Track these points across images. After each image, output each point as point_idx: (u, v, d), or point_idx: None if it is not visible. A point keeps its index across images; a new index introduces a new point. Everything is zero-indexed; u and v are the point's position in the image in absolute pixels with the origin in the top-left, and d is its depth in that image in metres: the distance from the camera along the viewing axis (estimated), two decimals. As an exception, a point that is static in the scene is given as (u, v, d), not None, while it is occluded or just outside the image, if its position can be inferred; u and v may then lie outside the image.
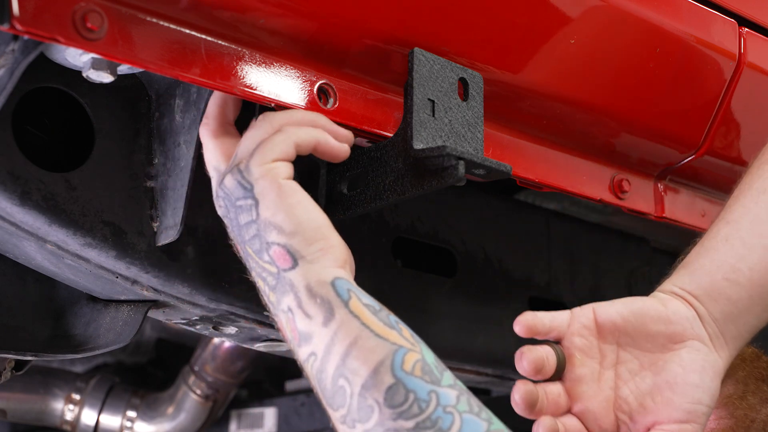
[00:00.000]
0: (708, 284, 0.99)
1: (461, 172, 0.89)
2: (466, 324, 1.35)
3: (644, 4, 1.08)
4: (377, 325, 0.84)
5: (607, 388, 0.98)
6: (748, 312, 0.98)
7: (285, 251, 0.87)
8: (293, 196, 0.88)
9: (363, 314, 0.84)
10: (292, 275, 0.87)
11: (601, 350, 0.99)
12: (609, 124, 1.16)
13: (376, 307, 0.86)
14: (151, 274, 1.04)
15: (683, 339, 0.97)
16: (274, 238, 0.88)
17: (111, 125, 1.03)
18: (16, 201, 0.96)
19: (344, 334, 0.83)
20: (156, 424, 1.93)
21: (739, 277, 0.98)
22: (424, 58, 0.94)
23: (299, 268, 0.87)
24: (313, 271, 0.87)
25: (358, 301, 0.85)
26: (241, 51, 0.90)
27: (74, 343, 1.16)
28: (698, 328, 0.97)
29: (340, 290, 0.85)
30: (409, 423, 0.80)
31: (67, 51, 0.85)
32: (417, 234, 1.28)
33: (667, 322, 0.97)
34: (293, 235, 0.87)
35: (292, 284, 0.87)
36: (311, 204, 0.89)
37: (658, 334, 0.97)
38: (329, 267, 0.87)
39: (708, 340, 0.97)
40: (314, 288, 0.86)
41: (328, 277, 0.86)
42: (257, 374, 2.08)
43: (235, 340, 1.24)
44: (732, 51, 1.17)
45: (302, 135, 0.90)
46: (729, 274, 0.98)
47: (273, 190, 0.88)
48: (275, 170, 0.88)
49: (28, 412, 1.86)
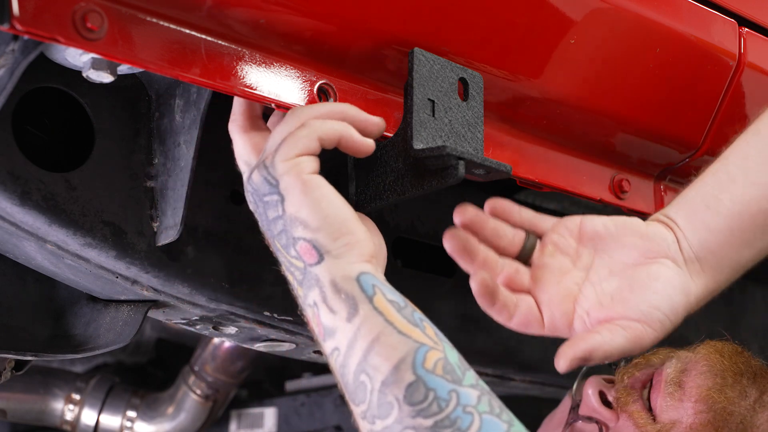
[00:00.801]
0: (689, 211, 1.00)
1: (461, 172, 0.89)
2: (466, 324, 1.35)
3: (644, 4, 1.08)
4: (401, 321, 0.84)
5: (572, 283, 0.99)
6: (728, 244, 0.99)
7: (311, 246, 0.88)
8: (318, 191, 0.88)
9: (387, 310, 0.84)
10: (318, 270, 0.87)
11: (577, 251, 1.01)
12: (609, 124, 1.16)
13: (401, 304, 0.86)
14: (151, 274, 1.04)
15: (657, 256, 0.99)
16: (300, 233, 0.88)
17: (111, 125, 1.03)
18: (16, 201, 0.96)
19: (367, 330, 0.84)
20: (156, 424, 1.93)
21: (720, 207, 0.99)
22: (424, 58, 0.94)
23: (325, 262, 0.87)
24: (338, 266, 0.87)
25: (383, 297, 0.85)
26: (241, 51, 0.90)
27: (74, 343, 1.16)
28: (674, 250, 0.99)
29: (365, 285, 0.86)
30: (428, 421, 0.80)
31: (67, 51, 0.85)
32: (417, 234, 1.28)
33: (645, 238, 0.99)
34: (318, 230, 0.87)
35: (317, 279, 0.87)
36: (337, 198, 0.89)
37: (634, 246, 0.99)
38: (355, 262, 0.87)
39: (683, 263, 0.99)
40: (339, 283, 0.86)
41: (353, 272, 0.86)
42: (257, 374, 2.08)
43: (235, 340, 1.24)
44: (732, 51, 1.17)
45: (326, 129, 0.89)
46: (710, 203, 1.00)
47: (297, 185, 0.88)
48: (300, 165, 0.88)
49: (28, 412, 1.86)
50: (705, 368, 1.13)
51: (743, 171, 1.01)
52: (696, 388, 1.12)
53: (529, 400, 1.45)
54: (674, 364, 1.15)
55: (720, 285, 1.02)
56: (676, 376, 1.14)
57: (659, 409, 1.13)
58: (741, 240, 1.00)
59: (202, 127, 0.96)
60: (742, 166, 1.01)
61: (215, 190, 1.08)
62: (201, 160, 0.99)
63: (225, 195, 1.10)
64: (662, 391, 1.13)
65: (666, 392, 1.13)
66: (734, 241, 1.00)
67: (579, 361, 0.95)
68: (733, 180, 1.00)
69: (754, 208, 0.99)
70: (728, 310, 1.76)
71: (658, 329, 0.97)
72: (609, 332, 0.96)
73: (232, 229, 1.09)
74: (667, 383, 1.13)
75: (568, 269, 1.01)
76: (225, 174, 1.09)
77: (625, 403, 1.15)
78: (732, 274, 1.02)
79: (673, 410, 1.12)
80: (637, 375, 1.17)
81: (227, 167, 1.09)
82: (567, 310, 0.99)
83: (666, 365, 1.16)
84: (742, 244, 1.00)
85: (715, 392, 1.11)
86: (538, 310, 1.00)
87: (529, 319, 0.99)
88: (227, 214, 1.09)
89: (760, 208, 0.99)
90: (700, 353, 1.15)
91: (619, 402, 1.16)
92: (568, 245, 1.01)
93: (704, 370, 1.13)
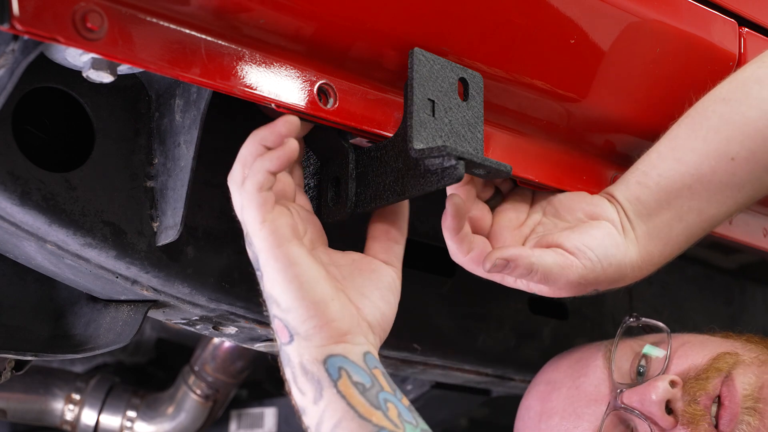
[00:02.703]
0: (624, 187, 1.10)
1: (461, 172, 0.89)
2: (466, 324, 1.35)
3: (644, 4, 1.08)
4: (363, 405, 0.85)
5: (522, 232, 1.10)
6: (657, 214, 1.08)
7: (283, 325, 0.89)
8: (291, 270, 0.87)
9: (350, 394, 0.86)
10: (289, 350, 0.89)
11: (528, 214, 1.12)
12: (609, 124, 1.16)
13: (366, 385, 0.87)
14: (151, 274, 1.04)
15: (599, 218, 1.07)
16: (274, 311, 0.89)
17: (111, 125, 1.03)
18: (16, 201, 0.96)
19: (330, 414, 0.85)
20: (156, 424, 1.93)
21: (648, 181, 1.09)
22: (424, 58, 0.94)
23: (295, 343, 0.89)
24: (307, 349, 0.88)
25: (348, 379, 0.86)
26: (241, 51, 0.90)
27: (74, 343, 1.16)
28: (615, 219, 1.08)
29: (330, 369, 0.87)
30: None
31: (67, 51, 0.85)
32: (417, 234, 1.28)
33: (590, 203, 1.10)
34: (288, 311, 0.88)
35: (289, 359, 0.89)
36: (312, 274, 0.88)
37: (579, 208, 1.10)
38: (324, 344, 0.88)
39: (621, 230, 1.07)
40: (306, 365, 0.88)
41: (321, 355, 0.87)
42: (257, 374, 2.07)
43: (235, 340, 1.24)
44: (732, 51, 1.17)
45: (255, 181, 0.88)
46: (640, 179, 1.09)
47: (270, 262, 0.88)
48: (274, 235, 0.87)
49: (28, 412, 1.86)
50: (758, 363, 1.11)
51: (671, 149, 1.09)
52: None
53: (529, 400, 1.45)
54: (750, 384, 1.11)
55: (653, 257, 1.09)
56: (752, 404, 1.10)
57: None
58: (670, 213, 1.08)
59: (202, 127, 0.96)
60: (670, 146, 1.09)
61: (215, 190, 1.08)
62: (201, 160, 0.99)
63: (225, 195, 1.09)
64: (737, 417, 1.09)
65: (741, 419, 1.09)
66: (664, 213, 1.08)
67: (502, 261, 1.02)
68: (662, 158, 1.09)
69: (679, 182, 1.07)
70: (728, 310, 1.76)
71: (587, 266, 1.04)
72: (540, 251, 1.04)
73: (232, 229, 1.09)
74: (744, 409, 1.09)
75: (521, 221, 1.11)
76: (225, 174, 1.09)
77: (694, 422, 1.10)
78: (665, 248, 1.09)
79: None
80: (708, 390, 1.11)
81: (227, 167, 1.09)
82: None
83: (737, 381, 1.11)
84: (672, 216, 1.08)
85: None
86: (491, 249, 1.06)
87: (482, 257, 1.05)
88: (227, 214, 1.09)
89: (685, 182, 1.07)
90: None
91: (686, 418, 1.10)
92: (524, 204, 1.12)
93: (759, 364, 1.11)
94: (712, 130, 1.07)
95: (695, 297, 1.69)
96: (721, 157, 1.07)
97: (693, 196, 1.07)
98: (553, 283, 1.04)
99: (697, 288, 1.71)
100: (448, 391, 1.56)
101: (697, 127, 1.09)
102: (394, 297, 0.97)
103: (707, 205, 1.08)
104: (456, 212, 1.00)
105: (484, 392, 1.61)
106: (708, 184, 1.07)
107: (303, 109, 0.93)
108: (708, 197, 1.08)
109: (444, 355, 1.34)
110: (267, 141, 0.89)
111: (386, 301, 0.95)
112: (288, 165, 0.88)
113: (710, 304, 1.73)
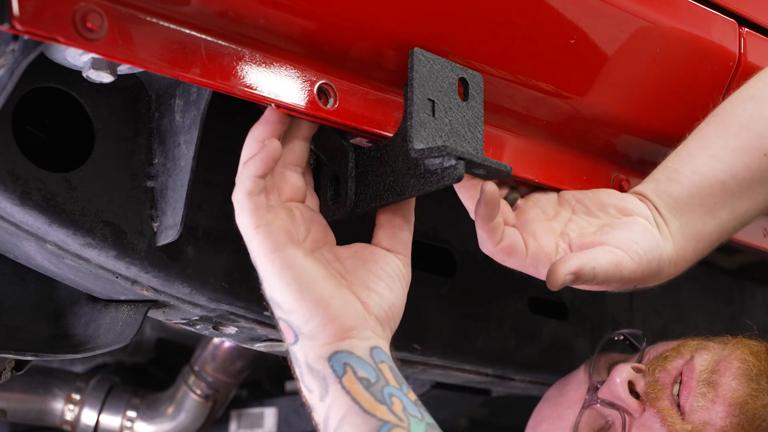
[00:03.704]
0: (655, 185, 1.09)
1: (461, 172, 0.89)
2: (467, 324, 1.35)
3: (644, 4, 1.08)
4: (367, 400, 0.86)
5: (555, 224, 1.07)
6: (690, 212, 1.07)
7: (288, 326, 0.90)
8: (288, 272, 0.88)
9: (355, 389, 0.86)
10: (296, 349, 0.90)
11: (556, 210, 1.10)
12: (609, 124, 1.16)
13: (371, 380, 0.87)
14: (151, 274, 1.04)
15: (632, 214, 1.06)
16: (278, 313, 0.90)
17: (111, 125, 1.03)
18: (16, 201, 0.96)
19: (335, 410, 0.86)
20: (156, 424, 1.93)
21: (681, 178, 1.08)
22: (424, 58, 0.94)
23: (300, 343, 0.89)
24: (312, 347, 0.89)
25: (353, 375, 0.87)
26: (241, 51, 0.90)
27: (74, 343, 1.16)
28: (647, 214, 1.07)
29: (335, 366, 0.87)
30: None
31: (67, 51, 0.85)
32: (417, 234, 1.28)
33: (621, 200, 1.08)
34: (291, 312, 0.89)
35: (296, 358, 0.90)
36: (310, 274, 0.89)
37: (610, 204, 1.08)
38: (329, 342, 0.88)
39: (655, 225, 1.06)
40: (312, 364, 0.88)
41: (325, 353, 0.88)
42: (257, 374, 2.07)
43: (235, 340, 1.24)
44: (732, 51, 1.17)
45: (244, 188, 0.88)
46: (672, 176, 1.09)
47: (268, 267, 0.89)
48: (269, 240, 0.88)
49: (28, 412, 1.86)
50: (739, 371, 1.11)
51: (702, 147, 1.08)
52: (731, 391, 1.10)
53: (529, 400, 1.45)
54: (706, 361, 1.14)
55: (687, 254, 1.08)
56: (708, 376, 1.13)
57: (689, 408, 1.12)
58: (702, 209, 1.07)
59: (202, 127, 0.96)
60: (701, 144, 1.09)
61: (215, 190, 1.08)
62: (201, 160, 0.99)
63: (225, 195, 1.09)
64: (694, 390, 1.12)
65: (698, 392, 1.12)
66: (696, 210, 1.07)
67: (570, 276, 0.99)
68: (692, 155, 1.08)
69: (712, 178, 1.07)
70: (728, 310, 1.76)
71: (636, 260, 1.03)
72: (593, 252, 1.02)
73: (232, 229, 1.09)
74: (699, 382, 1.12)
75: (549, 216, 1.08)
76: (225, 174, 1.09)
77: (655, 398, 1.14)
78: (697, 245, 1.08)
79: (704, 411, 1.11)
80: (668, 369, 1.16)
81: (227, 167, 1.09)
82: (549, 243, 1.05)
83: (697, 359, 1.15)
84: (704, 212, 1.07)
85: (750, 398, 1.10)
86: (522, 241, 1.05)
87: (514, 247, 1.04)
88: (227, 214, 1.08)
89: (718, 178, 1.07)
90: (733, 352, 1.14)
91: (648, 396, 1.15)
92: (549, 203, 1.10)
93: (738, 372, 1.11)
94: (744, 127, 1.08)
95: (695, 297, 1.69)
96: (754, 153, 1.07)
97: (726, 192, 1.07)
98: (607, 283, 1.03)
99: (698, 288, 1.71)
100: (448, 391, 1.56)
101: (727, 124, 1.09)
102: (401, 285, 0.96)
103: (739, 202, 1.08)
104: (490, 199, 0.99)
105: (484, 392, 1.61)
106: (741, 180, 1.07)
107: (303, 109, 0.93)
108: (741, 193, 1.08)
109: (444, 355, 1.34)
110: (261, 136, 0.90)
111: (393, 290, 0.95)
112: (272, 164, 0.89)
113: (710, 304, 1.73)
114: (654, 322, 1.60)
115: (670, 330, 1.60)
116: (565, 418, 1.22)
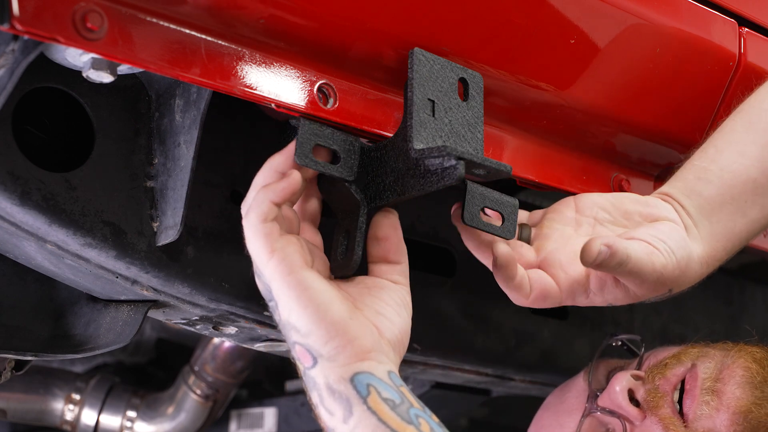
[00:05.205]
0: (682, 184, 1.06)
1: (461, 172, 0.89)
2: (466, 324, 1.35)
3: (644, 4, 1.08)
4: (394, 420, 0.85)
5: (578, 245, 1.00)
6: (721, 211, 1.04)
7: (305, 350, 0.88)
8: (305, 294, 0.87)
9: (381, 410, 0.85)
10: (314, 373, 0.88)
11: (577, 221, 1.04)
12: (609, 124, 1.16)
13: (396, 401, 0.86)
14: (151, 274, 1.04)
15: (659, 219, 1.03)
16: (294, 338, 0.89)
17: (111, 125, 1.03)
18: (16, 201, 0.96)
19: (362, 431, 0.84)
20: (156, 424, 1.93)
21: (710, 176, 1.04)
22: (424, 58, 0.94)
23: (319, 365, 0.88)
24: (332, 369, 0.87)
25: (378, 396, 0.86)
26: (241, 51, 0.90)
27: (74, 343, 1.16)
28: (674, 217, 1.03)
29: (359, 386, 0.86)
30: None
31: (67, 51, 0.85)
32: (417, 234, 1.28)
33: (645, 205, 1.05)
34: (308, 335, 0.87)
35: (314, 382, 0.88)
36: (327, 296, 0.88)
37: (635, 212, 1.04)
38: (349, 363, 0.87)
39: (683, 227, 1.03)
40: (333, 386, 0.87)
41: (347, 374, 0.87)
42: (257, 374, 2.07)
43: (235, 340, 1.24)
44: (732, 51, 1.17)
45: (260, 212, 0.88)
46: (700, 175, 1.06)
47: (284, 290, 0.87)
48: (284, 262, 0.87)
49: (28, 412, 1.86)
50: (743, 379, 1.11)
51: (730, 144, 1.06)
52: (735, 399, 1.09)
53: (529, 400, 1.45)
54: (709, 369, 1.13)
55: (717, 253, 1.05)
56: (711, 384, 1.11)
57: (693, 416, 1.10)
58: (733, 207, 1.05)
59: (202, 127, 0.96)
60: (728, 140, 1.06)
61: (215, 190, 1.08)
62: (201, 160, 0.99)
63: (225, 195, 1.10)
64: (698, 398, 1.11)
65: (702, 400, 1.11)
66: (726, 208, 1.04)
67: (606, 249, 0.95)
68: (720, 152, 1.06)
69: (743, 175, 1.04)
70: (728, 310, 1.76)
71: (666, 256, 0.99)
72: (629, 241, 0.98)
73: (232, 229, 1.09)
74: (703, 390, 1.11)
75: (570, 235, 1.03)
76: (225, 174, 1.09)
77: (656, 406, 1.13)
78: (727, 243, 1.05)
79: (708, 419, 1.10)
80: (668, 376, 1.14)
81: (227, 167, 1.09)
82: (579, 269, 1.01)
83: (700, 367, 1.14)
84: (735, 211, 1.05)
85: (754, 406, 1.09)
86: (551, 278, 1.01)
87: (546, 289, 1.00)
88: (227, 214, 1.09)
89: (749, 175, 1.05)
90: (736, 360, 1.13)
91: (649, 404, 1.13)
92: (567, 217, 1.04)
93: (742, 381, 1.10)
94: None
95: (695, 297, 1.69)
96: None
97: (756, 189, 1.05)
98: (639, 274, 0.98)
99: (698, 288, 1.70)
100: (448, 391, 1.56)
101: (754, 119, 1.07)
102: (407, 312, 0.96)
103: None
104: (504, 263, 0.97)
105: (484, 392, 1.61)
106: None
107: (303, 109, 0.93)
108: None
109: (444, 355, 1.34)
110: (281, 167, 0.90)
111: (400, 317, 0.94)
112: (292, 197, 0.89)
113: (710, 304, 1.73)
114: (654, 322, 1.59)
115: (670, 330, 1.60)
116: (566, 426, 1.21)
